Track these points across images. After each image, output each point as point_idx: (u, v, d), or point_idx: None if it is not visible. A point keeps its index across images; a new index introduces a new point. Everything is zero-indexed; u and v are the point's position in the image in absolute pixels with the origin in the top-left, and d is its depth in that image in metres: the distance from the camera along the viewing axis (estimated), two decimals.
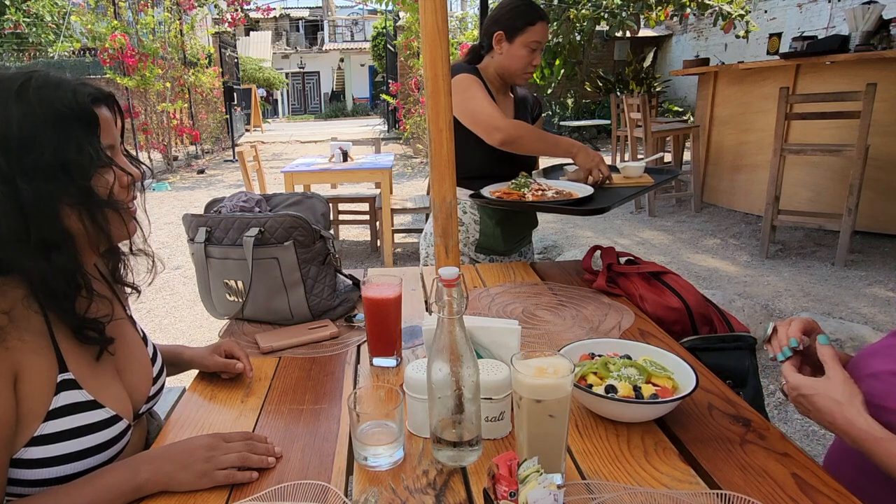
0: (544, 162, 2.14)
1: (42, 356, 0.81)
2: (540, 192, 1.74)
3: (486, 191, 1.79)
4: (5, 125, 0.78)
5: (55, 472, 0.81)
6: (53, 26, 12.81)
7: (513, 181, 1.79)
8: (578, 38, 7.03)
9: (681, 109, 11.80)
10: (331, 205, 4.94)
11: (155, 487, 0.80)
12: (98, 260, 1.00)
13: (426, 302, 1.45)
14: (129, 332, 1.00)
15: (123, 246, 0.99)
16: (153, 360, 1.04)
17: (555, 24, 6.88)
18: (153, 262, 1.06)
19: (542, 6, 1.90)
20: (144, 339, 1.06)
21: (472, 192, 1.81)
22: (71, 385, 0.83)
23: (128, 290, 1.06)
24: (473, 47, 2.00)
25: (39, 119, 0.79)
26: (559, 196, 1.72)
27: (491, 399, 0.87)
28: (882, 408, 0.84)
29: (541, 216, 2.16)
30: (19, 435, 0.79)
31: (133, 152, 0.97)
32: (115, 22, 8.58)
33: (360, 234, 5.62)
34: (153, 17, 9.29)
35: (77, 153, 0.81)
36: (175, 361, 1.19)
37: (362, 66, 29.22)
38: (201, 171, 9.87)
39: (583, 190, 1.77)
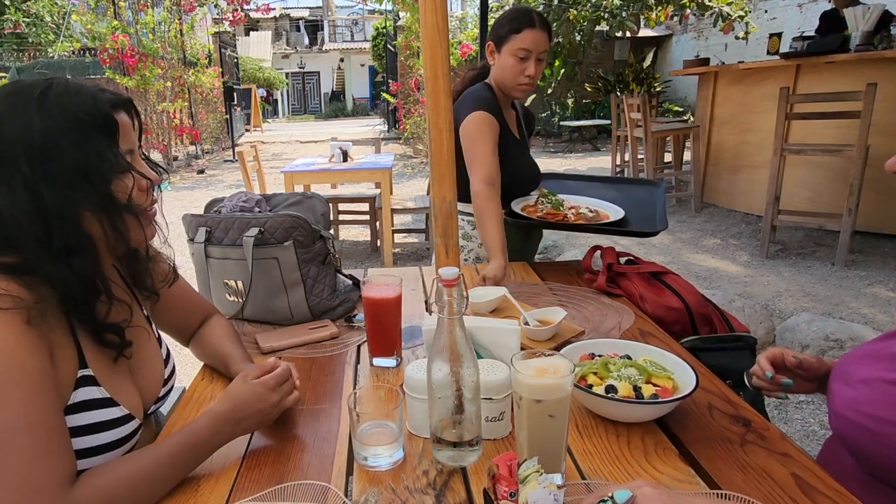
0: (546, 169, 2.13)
1: (64, 350, 0.82)
2: (574, 212, 1.77)
3: (517, 206, 1.81)
4: (27, 133, 0.79)
5: None
6: (53, 26, 12.79)
7: (541, 198, 1.81)
8: (578, 38, 7.02)
9: (681, 109, 11.78)
10: (331, 205, 4.94)
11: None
12: (115, 263, 1.00)
13: (426, 302, 1.45)
14: (144, 332, 1.01)
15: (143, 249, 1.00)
16: (166, 361, 1.06)
17: (555, 24, 6.88)
18: (173, 265, 1.08)
19: (542, 7, 1.88)
20: (159, 339, 1.07)
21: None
22: (90, 381, 0.85)
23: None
24: (483, 64, 1.95)
25: (60, 126, 0.80)
26: (595, 216, 1.76)
27: (491, 399, 0.87)
28: (872, 416, 0.83)
29: None
30: None
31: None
32: (115, 22, 8.58)
33: (360, 234, 5.61)
34: (153, 16, 9.29)
35: (97, 160, 0.82)
36: (222, 366, 1.13)
37: (362, 66, 29.20)
38: (201, 171, 9.86)
39: (614, 211, 1.80)
